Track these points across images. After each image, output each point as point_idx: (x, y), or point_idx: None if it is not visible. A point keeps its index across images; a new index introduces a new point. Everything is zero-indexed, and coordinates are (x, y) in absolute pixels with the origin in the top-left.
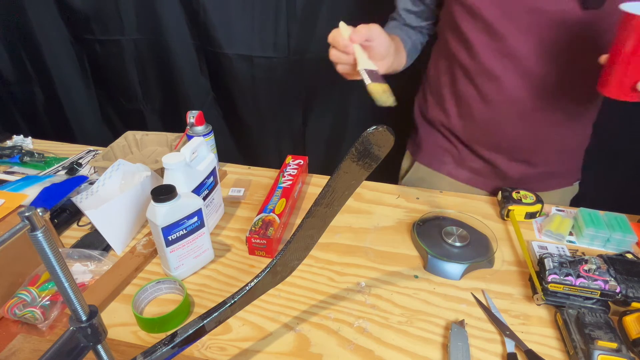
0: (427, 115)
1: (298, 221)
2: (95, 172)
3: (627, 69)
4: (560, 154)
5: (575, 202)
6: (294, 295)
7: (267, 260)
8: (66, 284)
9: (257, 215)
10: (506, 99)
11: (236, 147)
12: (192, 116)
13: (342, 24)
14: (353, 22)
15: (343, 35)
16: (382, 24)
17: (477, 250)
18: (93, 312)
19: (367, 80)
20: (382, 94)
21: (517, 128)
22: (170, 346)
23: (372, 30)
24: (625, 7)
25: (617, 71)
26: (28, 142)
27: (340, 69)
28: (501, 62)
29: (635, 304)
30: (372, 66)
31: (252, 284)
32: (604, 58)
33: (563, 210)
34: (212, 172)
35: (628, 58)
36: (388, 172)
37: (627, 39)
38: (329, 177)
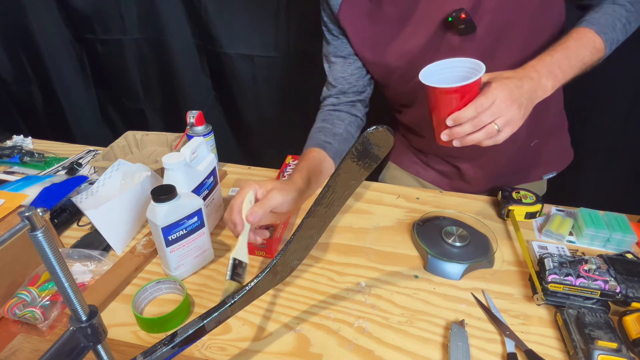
0: (397, 125)
1: (298, 221)
2: (95, 172)
3: (436, 124)
4: (512, 154)
5: (575, 202)
6: (294, 295)
7: (267, 260)
8: (66, 284)
9: None
10: None
11: (236, 146)
12: (192, 116)
13: (250, 194)
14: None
15: (243, 208)
16: None
17: (477, 250)
18: (93, 312)
19: (229, 274)
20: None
21: None
22: (170, 346)
23: (270, 202)
24: (421, 74)
25: (434, 126)
26: (28, 142)
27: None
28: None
29: (635, 304)
30: (244, 258)
31: (252, 284)
32: None
33: (563, 210)
34: (212, 172)
35: (434, 115)
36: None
37: (429, 101)
38: (329, 177)
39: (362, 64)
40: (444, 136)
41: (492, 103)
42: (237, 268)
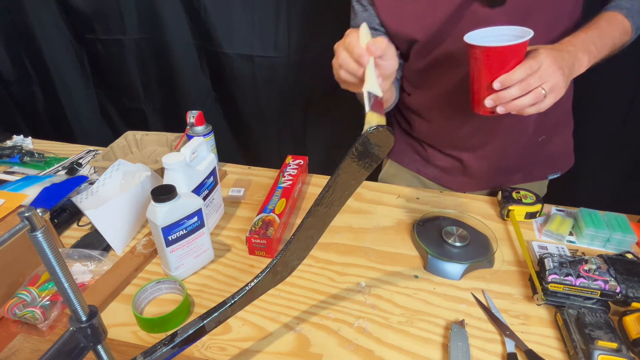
0: (396, 117)
1: (298, 221)
2: (95, 172)
3: (477, 90)
4: (518, 147)
5: (575, 202)
6: (294, 295)
7: (267, 260)
8: (66, 284)
9: (257, 215)
10: (453, 103)
11: (236, 146)
12: (192, 116)
13: (364, 26)
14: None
15: (360, 43)
16: None
17: (477, 250)
18: (93, 312)
19: (368, 107)
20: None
21: (469, 125)
22: (170, 346)
23: (389, 47)
24: (467, 37)
25: (473, 92)
26: (28, 142)
27: (344, 76)
28: (437, 69)
29: (635, 304)
30: (378, 91)
31: (252, 284)
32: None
33: (563, 210)
34: (212, 172)
35: (475, 81)
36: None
37: (472, 65)
38: (329, 177)
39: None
40: (489, 101)
41: (540, 66)
42: (373, 101)
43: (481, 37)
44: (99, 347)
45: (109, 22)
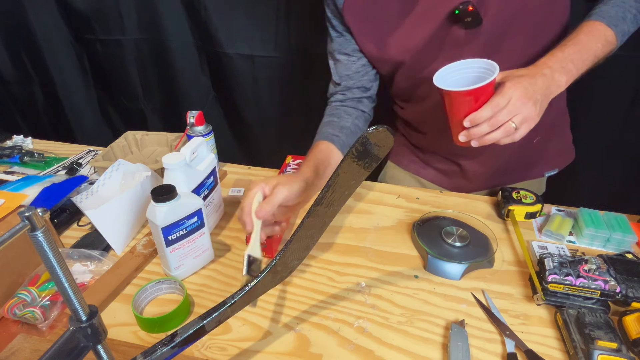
0: (395, 123)
1: (298, 221)
2: (95, 172)
3: (451, 126)
4: (514, 150)
5: (575, 202)
6: (294, 295)
7: (267, 260)
8: (66, 284)
9: None
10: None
11: (237, 146)
12: (192, 116)
13: (258, 194)
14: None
15: (252, 205)
16: None
17: (477, 250)
18: (93, 312)
19: (244, 270)
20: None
21: None
22: (170, 346)
23: (277, 197)
24: (435, 78)
25: (450, 127)
26: (28, 142)
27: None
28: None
29: (635, 304)
30: (258, 254)
31: (252, 284)
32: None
33: (563, 210)
34: (212, 172)
35: (449, 118)
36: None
37: (444, 104)
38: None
39: (367, 61)
40: (462, 137)
41: (508, 102)
42: (252, 264)
43: (451, 71)
44: (99, 347)
45: (108, 22)
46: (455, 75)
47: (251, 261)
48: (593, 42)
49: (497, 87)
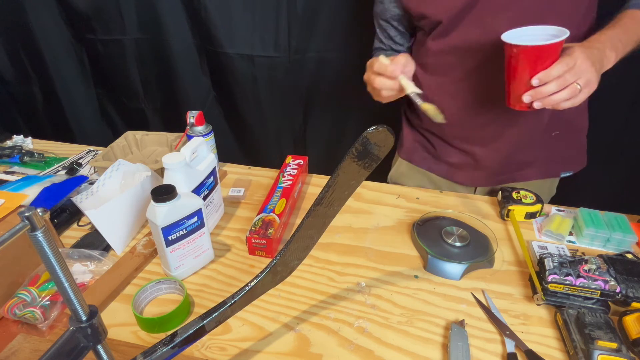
0: (407, 114)
1: (298, 221)
2: (95, 172)
3: (514, 86)
4: (531, 141)
5: (575, 202)
6: (294, 295)
7: (267, 260)
8: (66, 284)
9: (257, 215)
10: (467, 91)
11: (237, 146)
12: (192, 116)
13: (382, 57)
14: (355, 21)
15: (386, 65)
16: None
17: (477, 250)
18: (93, 312)
19: (420, 101)
20: (435, 111)
21: (483, 116)
22: (170, 346)
23: (407, 59)
24: (504, 37)
25: (509, 89)
26: (28, 142)
27: (385, 94)
28: (455, 57)
29: (635, 304)
30: (418, 90)
31: (252, 284)
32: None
33: (563, 210)
34: (212, 172)
35: (512, 78)
36: (384, 172)
37: (509, 63)
38: (329, 177)
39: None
40: (527, 97)
41: (575, 63)
42: (420, 97)
43: (516, 36)
44: (99, 347)
45: (109, 22)
46: (521, 40)
47: (419, 95)
48: (636, 26)
49: (562, 52)
